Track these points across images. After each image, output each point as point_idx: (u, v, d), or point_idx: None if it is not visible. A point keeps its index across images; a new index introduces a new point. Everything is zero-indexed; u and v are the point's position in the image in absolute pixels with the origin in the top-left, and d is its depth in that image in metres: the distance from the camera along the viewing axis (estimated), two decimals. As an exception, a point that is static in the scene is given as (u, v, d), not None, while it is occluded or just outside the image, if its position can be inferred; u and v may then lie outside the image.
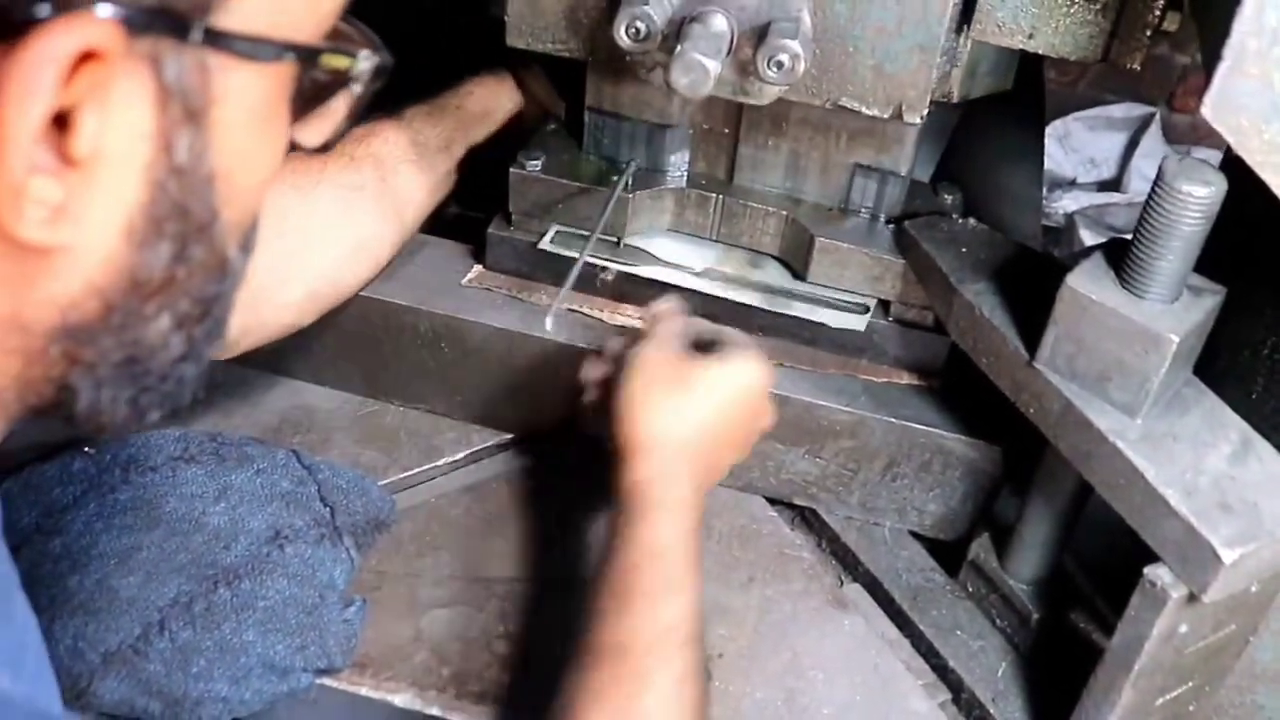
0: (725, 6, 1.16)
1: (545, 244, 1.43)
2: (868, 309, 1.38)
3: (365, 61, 0.75)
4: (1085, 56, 1.17)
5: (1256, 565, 1.01)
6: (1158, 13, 1.13)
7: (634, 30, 1.15)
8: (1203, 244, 1.04)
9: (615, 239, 1.42)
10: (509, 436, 1.49)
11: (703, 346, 1.19)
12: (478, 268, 1.47)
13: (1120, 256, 1.08)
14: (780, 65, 1.14)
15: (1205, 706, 1.19)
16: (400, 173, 1.34)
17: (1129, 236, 1.08)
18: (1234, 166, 0.92)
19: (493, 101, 1.48)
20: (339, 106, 0.78)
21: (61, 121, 0.58)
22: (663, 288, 1.40)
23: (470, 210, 1.59)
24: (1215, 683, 1.17)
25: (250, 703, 1.13)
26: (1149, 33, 1.14)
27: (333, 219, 1.27)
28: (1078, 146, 3.13)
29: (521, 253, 1.44)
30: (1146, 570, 1.04)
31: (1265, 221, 0.93)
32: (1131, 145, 3.11)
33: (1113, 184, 3.09)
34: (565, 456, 1.46)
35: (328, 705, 1.20)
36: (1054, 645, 1.26)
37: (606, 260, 1.42)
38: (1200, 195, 1.00)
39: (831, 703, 1.23)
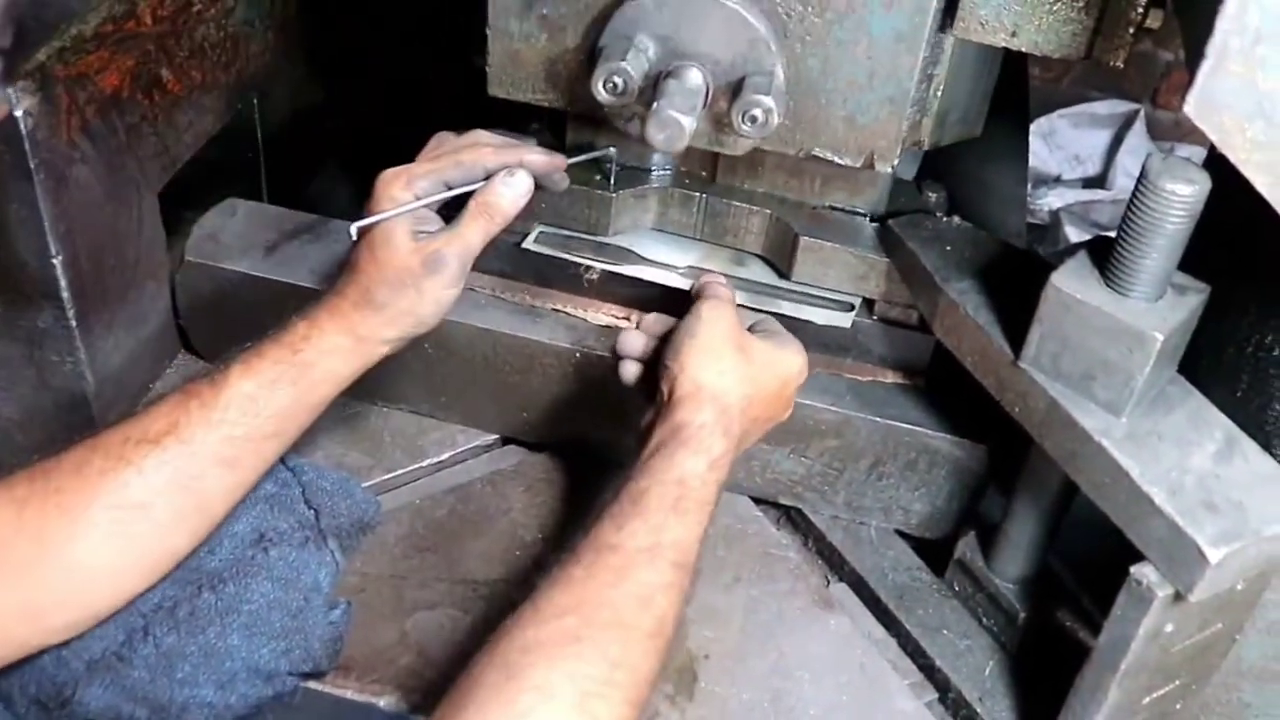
0: (700, 61, 1.19)
1: (529, 244, 1.43)
2: (853, 307, 1.38)
3: None
4: (1068, 54, 1.18)
5: (1242, 564, 1.01)
6: (1140, 10, 1.13)
7: (612, 85, 1.18)
8: (1187, 242, 1.04)
9: (599, 239, 1.42)
10: (494, 437, 1.48)
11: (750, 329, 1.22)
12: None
13: (1104, 255, 1.08)
14: (754, 119, 1.17)
15: (1192, 704, 1.19)
16: (208, 477, 1.09)
17: (1114, 234, 1.08)
18: (1217, 164, 0.92)
19: (337, 359, 1.15)
20: None
21: None
22: (648, 287, 1.40)
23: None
24: (1202, 681, 1.17)
25: (235, 707, 1.12)
26: (1132, 30, 1.15)
27: (104, 543, 1.04)
28: (1062, 143, 3.13)
29: (505, 253, 1.43)
30: (1132, 569, 1.04)
31: (1249, 219, 0.93)
32: (1116, 142, 3.11)
33: (1097, 181, 3.09)
34: (551, 457, 1.46)
35: (313, 709, 1.19)
36: (1041, 644, 1.26)
37: (591, 260, 1.42)
38: (1184, 194, 1.00)
39: (818, 703, 1.23)
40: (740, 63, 1.19)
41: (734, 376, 1.12)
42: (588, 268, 1.42)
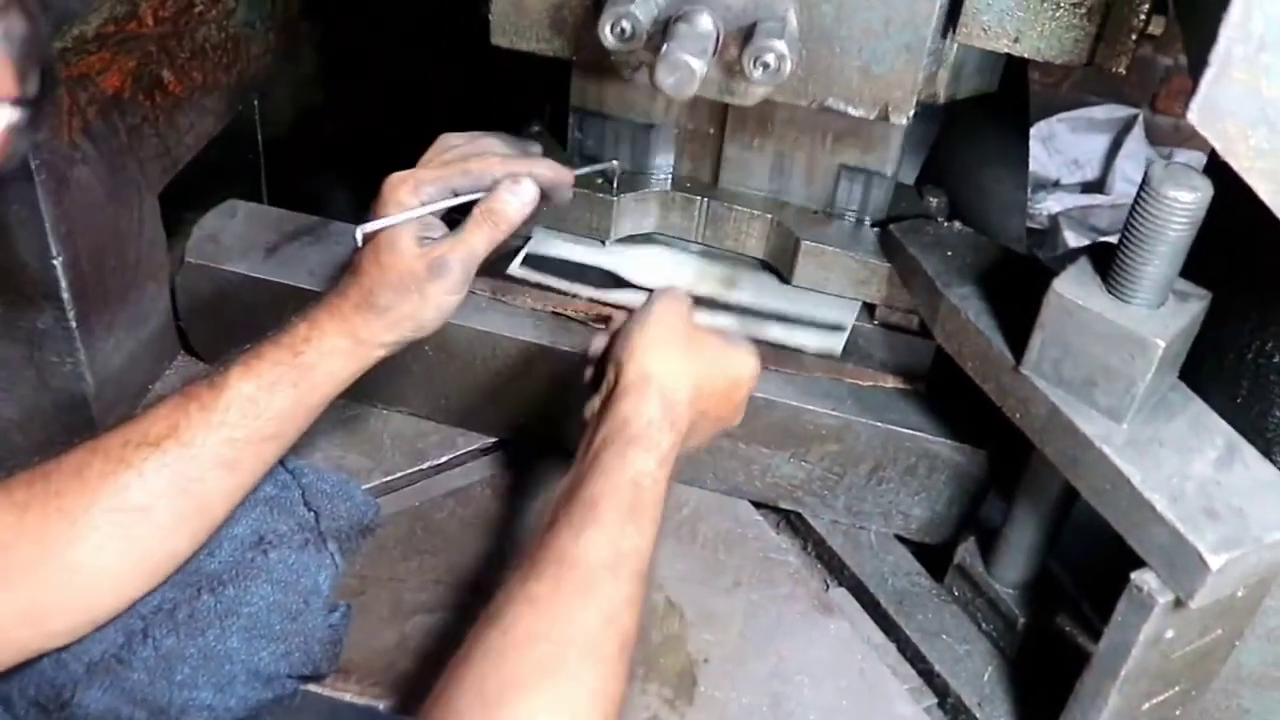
0: (711, 6, 1.15)
1: (514, 269, 1.41)
2: (844, 329, 1.37)
3: None
4: (1071, 60, 1.17)
5: (1243, 570, 1.01)
6: (1143, 17, 1.13)
7: (619, 30, 1.14)
8: (1189, 249, 1.04)
9: (601, 241, 1.42)
10: (494, 440, 1.48)
11: None
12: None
13: (1106, 261, 1.08)
14: (766, 66, 1.13)
15: (1191, 710, 1.19)
16: (208, 480, 1.09)
17: (1113, 238, 1.08)
18: (1218, 170, 0.92)
19: (337, 361, 1.15)
20: None
21: None
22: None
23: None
24: (1201, 687, 1.17)
25: (235, 710, 1.12)
26: (1134, 37, 1.15)
27: (105, 546, 1.05)
28: (1061, 148, 3.13)
29: (506, 256, 1.43)
30: (1133, 576, 1.04)
31: (1250, 225, 0.93)
32: (1115, 146, 3.11)
33: (1096, 185, 3.09)
34: (550, 459, 1.46)
35: (312, 711, 1.19)
36: (1040, 649, 1.26)
37: (578, 289, 1.41)
38: (1186, 201, 1.00)
39: (817, 707, 1.23)
40: (752, 7, 1.15)
41: (682, 367, 1.11)
42: (574, 295, 1.42)
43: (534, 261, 1.43)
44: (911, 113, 1.22)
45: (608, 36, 1.14)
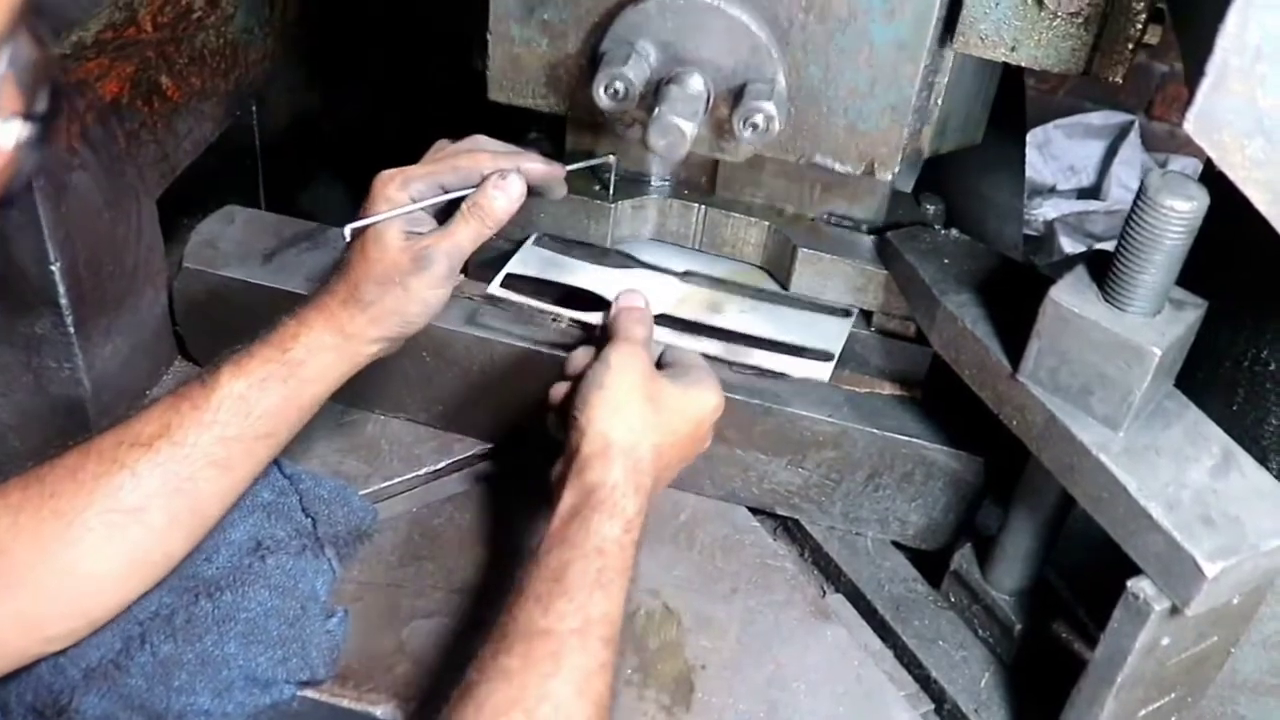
0: (702, 67, 1.19)
1: (494, 289, 1.39)
2: (832, 356, 1.37)
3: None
4: (1068, 69, 1.18)
5: (1239, 578, 1.02)
6: (1140, 26, 1.14)
7: (613, 91, 1.18)
8: (1185, 257, 1.04)
9: (567, 282, 1.41)
10: (490, 446, 1.48)
11: (661, 362, 1.22)
12: (459, 276, 1.46)
13: (1103, 269, 1.08)
14: (755, 126, 1.18)
15: (1187, 717, 1.19)
16: (201, 479, 1.10)
17: (1109, 245, 1.08)
18: (1214, 179, 0.92)
19: (326, 358, 1.17)
20: None
21: None
22: None
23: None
24: (1197, 694, 1.17)
25: (233, 715, 1.12)
26: (1131, 46, 1.15)
27: (100, 548, 1.06)
28: (1057, 154, 3.14)
29: (502, 260, 1.43)
30: (1129, 583, 1.04)
31: (1246, 234, 0.93)
32: (1110, 153, 3.12)
33: (1092, 191, 3.10)
34: (547, 465, 1.46)
35: (309, 717, 1.19)
36: (1036, 656, 1.26)
37: (557, 310, 1.40)
38: (1183, 210, 1.01)
39: (815, 714, 1.23)
40: (742, 69, 1.19)
41: (643, 428, 1.13)
42: (554, 317, 1.41)
43: (514, 280, 1.41)
44: (896, 169, 1.27)
45: (601, 97, 1.19)
